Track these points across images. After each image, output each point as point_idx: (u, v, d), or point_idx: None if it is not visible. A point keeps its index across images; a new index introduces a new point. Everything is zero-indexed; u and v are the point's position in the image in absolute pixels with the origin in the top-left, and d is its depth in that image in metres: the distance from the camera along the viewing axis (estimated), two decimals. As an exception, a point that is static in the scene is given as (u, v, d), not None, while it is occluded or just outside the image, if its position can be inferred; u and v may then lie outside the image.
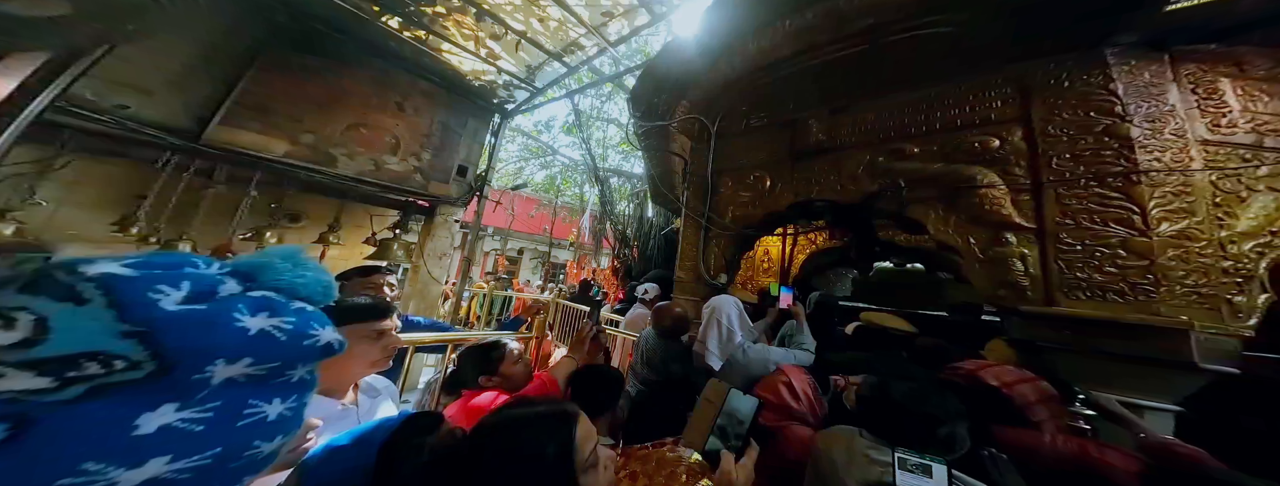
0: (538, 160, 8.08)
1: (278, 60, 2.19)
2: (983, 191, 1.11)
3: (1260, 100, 0.93)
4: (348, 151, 2.45)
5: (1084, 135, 0.98)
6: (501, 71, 2.81)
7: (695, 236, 2.01)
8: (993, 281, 1.05)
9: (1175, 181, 0.88)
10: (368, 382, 0.69)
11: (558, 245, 10.20)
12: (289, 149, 2.22)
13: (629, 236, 5.21)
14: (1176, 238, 0.85)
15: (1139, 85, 0.96)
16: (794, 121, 1.71)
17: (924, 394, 0.69)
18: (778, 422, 0.95)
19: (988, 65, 1.20)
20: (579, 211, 7.21)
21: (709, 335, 1.34)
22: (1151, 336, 0.81)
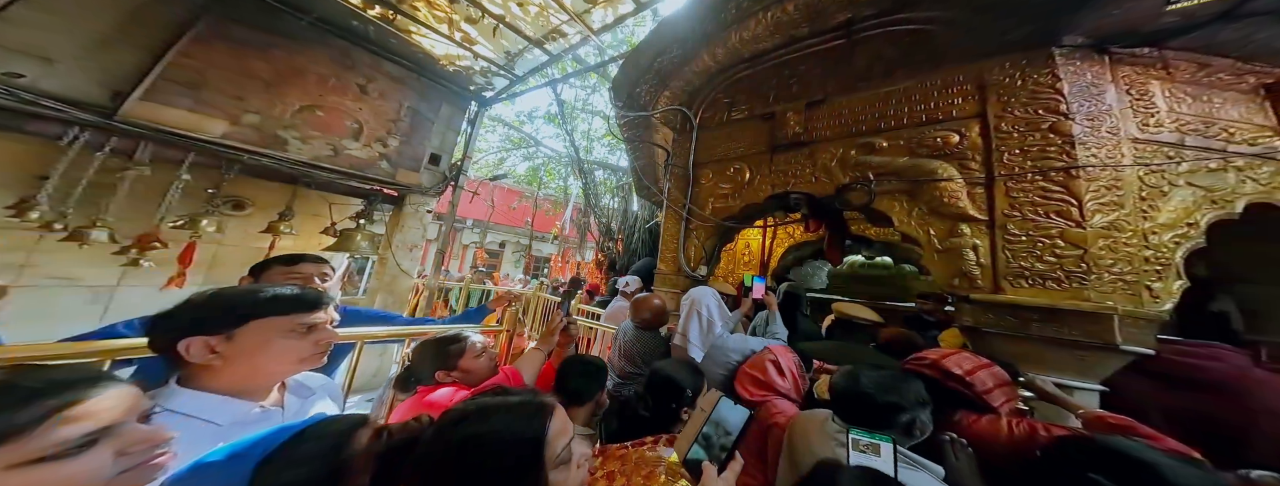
0: (520, 151, 7.95)
1: (215, 31, 2.02)
2: (942, 185, 1.18)
3: (1184, 102, 1.02)
4: (300, 134, 2.32)
5: (1032, 131, 1.05)
6: (478, 57, 2.74)
7: (676, 228, 2.04)
8: (949, 271, 1.12)
9: (1108, 176, 0.95)
10: (298, 382, 0.62)
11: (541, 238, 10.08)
12: (229, 130, 2.05)
13: (613, 230, 5.22)
14: (1107, 229, 0.93)
15: (1082, 85, 1.03)
16: (773, 114, 1.74)
17: (890, 383, 0.74)
18: (764, 397, 1.01)
19: (951, 63, 1.26)
20: (563, 204, 7.15)
21: (690, 326, 1.37)
22: (1081, 321, 0.89)
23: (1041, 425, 0.72)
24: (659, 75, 2.04)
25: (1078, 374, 0.90)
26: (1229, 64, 1.03)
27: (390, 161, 2.74)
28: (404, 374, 0.88)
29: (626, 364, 1.46)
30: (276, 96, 2.24)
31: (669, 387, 0.93)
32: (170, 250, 1.99)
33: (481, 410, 0.44)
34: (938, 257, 1.15)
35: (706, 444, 0.61)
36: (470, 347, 0.87)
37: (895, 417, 0.71)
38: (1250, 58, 1.02)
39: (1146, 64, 1.05)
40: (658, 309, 1.55)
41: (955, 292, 1.10)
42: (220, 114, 2.05)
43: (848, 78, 1.53)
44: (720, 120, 2.01)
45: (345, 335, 0.93)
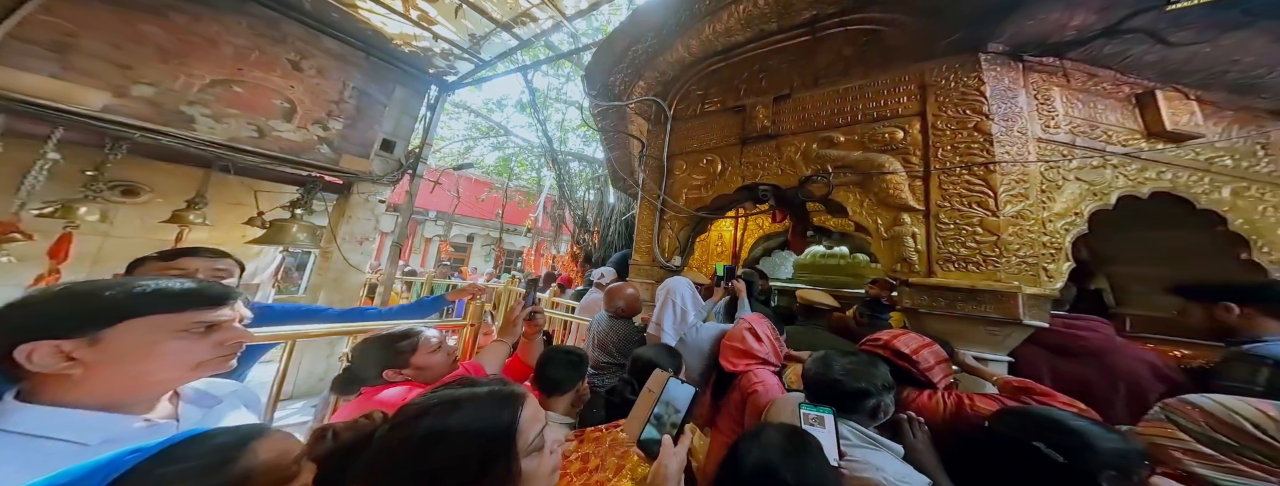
0: (489, 140, 7.61)
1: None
2: (888, 177, 1.30)
3: (1076, 107, 1.20)
4: (213, 112, 2.06)
5: (961, 130, 1.19)
6: (438, 38, 2.58)
7: (651, 219, 2.09)
8: (892, 257, 1.26)
9: (1017, 171, 1.11)
10: (197, 389, 0.55)
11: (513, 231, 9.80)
12: (113, 102, 1.79)
13: (589, 222, 5.20)
14: (1015, 218, 1.09)
15: (1001, 88, 1.18)
16: (743, 107, 1.81)
17: (859, 370, 0.79)
18: (746, 367, 1.08)
19: (899, 64, 1.38)
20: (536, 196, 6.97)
21: (664, 315, 1.42)
22: (994, 299, 1.04)
23: (965, 396, 0.84)
24: (633, 65, 2.05)
25: (991, 347, 1.06)
26: (1111, 75, 1.23)
27: (332, 146, 2.53)
28: (344, 375, 0.83)
29: (601, 354, 1.50)
30: (179, 67, 1.97)
31: (651, 370, 0.99)
32: (39, 243, 1.70)
33: (446, 402, 0.43)
34: (884, 245, 1.29)
35: (658, 423, 0.64)
36: (424, 343, 0.83)
37: (862, 403, 0.76)
38: (1126, 70, 1.22)
39: (1050, 72, 1.22)
40: (631, 298, 1.59)
41: (897, 277, 1.24)
42: (99, 84, 1.76)
43: (811, 74, 1.62)
44: (694, 112, 2.06)
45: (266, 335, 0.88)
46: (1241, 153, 1.24)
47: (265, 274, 3.02)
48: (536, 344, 1.03)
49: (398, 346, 0.80)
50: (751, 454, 0.55)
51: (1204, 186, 1.19)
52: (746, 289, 1.66)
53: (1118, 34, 1.08)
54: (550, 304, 3.30)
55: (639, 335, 1.52)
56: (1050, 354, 1.05)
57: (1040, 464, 0.62)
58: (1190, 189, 1.18)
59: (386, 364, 0.79)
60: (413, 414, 0.42)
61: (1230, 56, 1.13)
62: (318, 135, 2.47)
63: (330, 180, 2.70)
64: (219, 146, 2.10)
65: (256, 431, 0.40)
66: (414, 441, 0.40)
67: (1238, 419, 0.63)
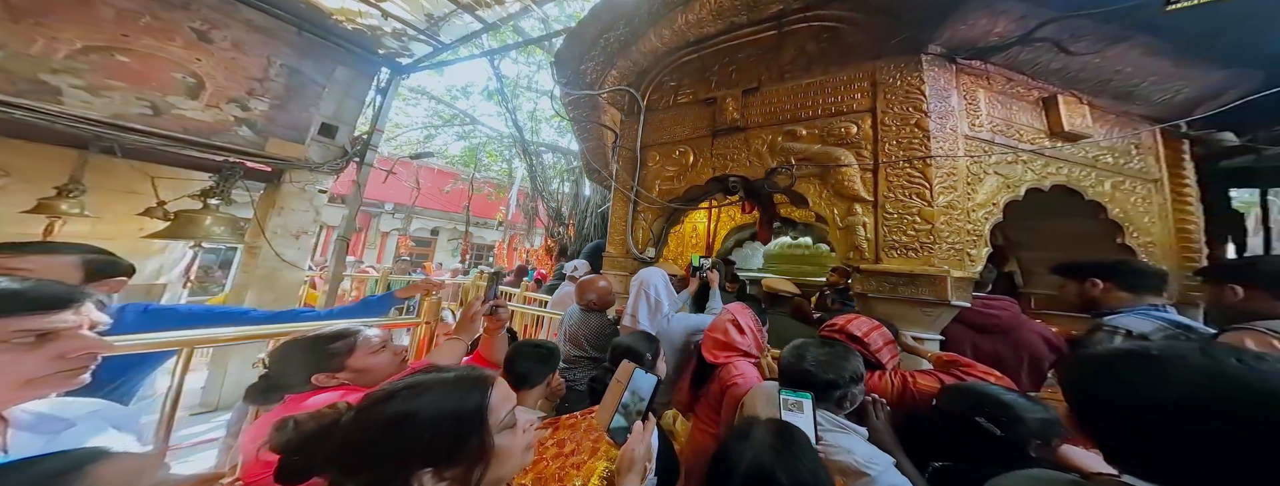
0: (453, 129, 7.15)
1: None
2: (843, 170, 1.41)
3: (996, 107, 1.37)
4: (87, 84, 1.77)
5: (904, 125, 1.31)
6: (388, 17, 2.34)
7: (624, 210, 2.10)
8: (846, 245, 1.38)
9: (949, 165, 1.25)
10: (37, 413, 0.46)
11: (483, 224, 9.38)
12: None
13: (564, 214, 5.11)
14: (946, 208, 1.23)
15: (938, 88, 1.31)
16: (714, 99, 1.86)
17: (830, 362, 0.84)
18: (727, 359, 1.11)
19: (855, 61, 1.48)
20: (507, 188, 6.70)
21: (638, 307, 1.45)
22: (928, 283, 1.18)
23: (908, 374, 0.94)
24: (606, 53, 2.02)
25: (925, 327, 1.21)
26: (1024, 79, 1.41)
27: (255, 128, 2.25)
28: (261, 383, 0.74)
29: (572, 348, 1.51)
30: (37, 28, 1.65)
31: (630, 355, 1.01)
32: None
33: (414, 386, 0.44)
34: (839, 234, 1.41)
35: (625, 412, 0.67)
36: (363, 343, 0.76)
37: (830, 393, 0.81)
38: (1036, 76, 1.40)
39: (977, 74, 1.37)
40: (603, 291, 1.60)
41: (850, 264, 1.36)
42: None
43: (777, 68, 1.69)
44: (667, 103, 2.08)
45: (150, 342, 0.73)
46: (1119, 151, 1.48)
47: (174, 272, 2.67)
48: (500, 339, 1.00)
49: (329, 348, 0.73)
50: (744, 457, 0.55)
51: (1091, 180, 1.41)
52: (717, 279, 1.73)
53: (1031, 42, 1.24)
54: (522, 299, 3.22)
55: (612, 328, 1.55)
56: (972, 331, 1.22)
57: (981, 436, 0.71)
58: (1080, 182, 1.39)
59: (316, 367, 0.72)
60: (379, 398, 0.43)
61: (1113, 67, 1.35)
62: (234, 115, 2.18)
63: (255, 166, 2.41)
64: (96, 124, 1.79)
65: (93, 455, 0.36)
66: (381, 424, 0.40)
67: None
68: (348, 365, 0.74)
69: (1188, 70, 1.35)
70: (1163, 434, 0.35)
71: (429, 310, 1.23)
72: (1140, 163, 1.51)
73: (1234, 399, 0.33)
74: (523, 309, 2.77)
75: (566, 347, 1.52)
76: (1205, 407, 0.34)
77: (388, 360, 0.79)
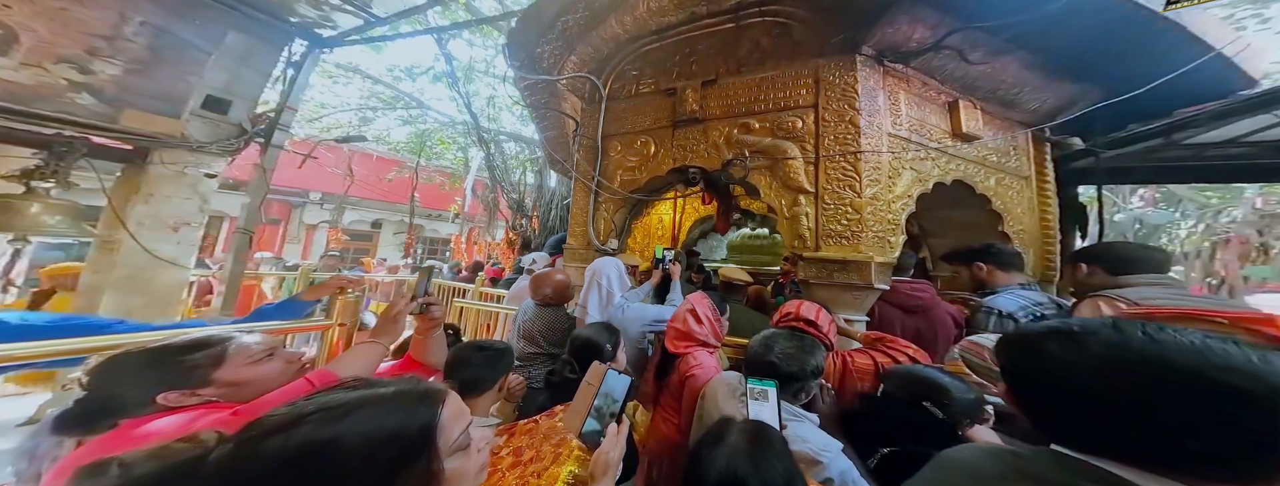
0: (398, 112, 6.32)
1: None
2: (789, 162, 1.51)
3: (913, 108, 1.56)
4: None
5: (840, 122, 1.44)
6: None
7: (585, 201, 2.06)
8: (792, 234, 1.49)
9: (875, 159, 1.41)
10: None
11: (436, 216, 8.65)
12: None
13: (526, 205, 4.88)
14: (872, 199, 1.39)
15: (868, 87, 1.45)
16: (675, 90, 1.86)
17: (795, 355, 0.87)
18: (687, 349, 1.14)
19: (802, 58, 1.57)
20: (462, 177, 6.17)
21: (589, 298, 1.45)
22: (858, 268, 1.33)
23: (845, 354, 1.04)
24: (564, 37, 1.92)
25: (855, 309, 1.37)
26: (935, 84, 1.62)
27: (101, 96, 1.84)
28: (76, 409, 0.57)
29: (527, 344, 1.46)
30: None
31: (590, 348, 1.01)
32: None
33: (331, 407, 0.36)
34: (785, 223, 1.52)
35: (598, 415, 0.66)
36: (238, 351, 0.65)
37: (791, 385, 0.85)
38: (944, 81, 1.62)
39: (900, 77, 1.54)
40: (560, 284, 1.56)
41: (796, 252, 1.48)
42: None
43: (734, 61, 1.73)
44: (629, 92, 2.04)
45: None
46: (1001, 151, 1.79)
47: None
48: (436, 340, 0.88)
49: (184, 360, 0.61)
50: (717, 462, 0.54)
51: (981, 176, 1.69)
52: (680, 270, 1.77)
53: (941, 49, 1.41)
54: (478, 295, 3.03)
55: (570, 322, 1.52)
56: (902, 312, 1.41)
57: (926, 419, 0.76)
58: (973, 178, 1.66)
59: (164, 384, 0.58)
60: (277, 425, 0.34)
61: (999, 76, 1.60)
62: (68, 79, 1.74)
63: (105, 143, 1.93)
64: None
65: None
66: (284, 459, 0.32)
67: None
68: (215, 379, 0.62)
69: (1052, 83, 1.65)
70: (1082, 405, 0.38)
71: (344, 311, 1.04)
72: (1016, 162, 1.84)
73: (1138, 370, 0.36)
74: (478, 306, 2.62)
75: (520, 345, 1.47)
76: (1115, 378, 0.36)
77: (277, 370, 0.68)
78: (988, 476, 0.43)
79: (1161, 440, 0.35)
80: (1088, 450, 0.38)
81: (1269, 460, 0.32)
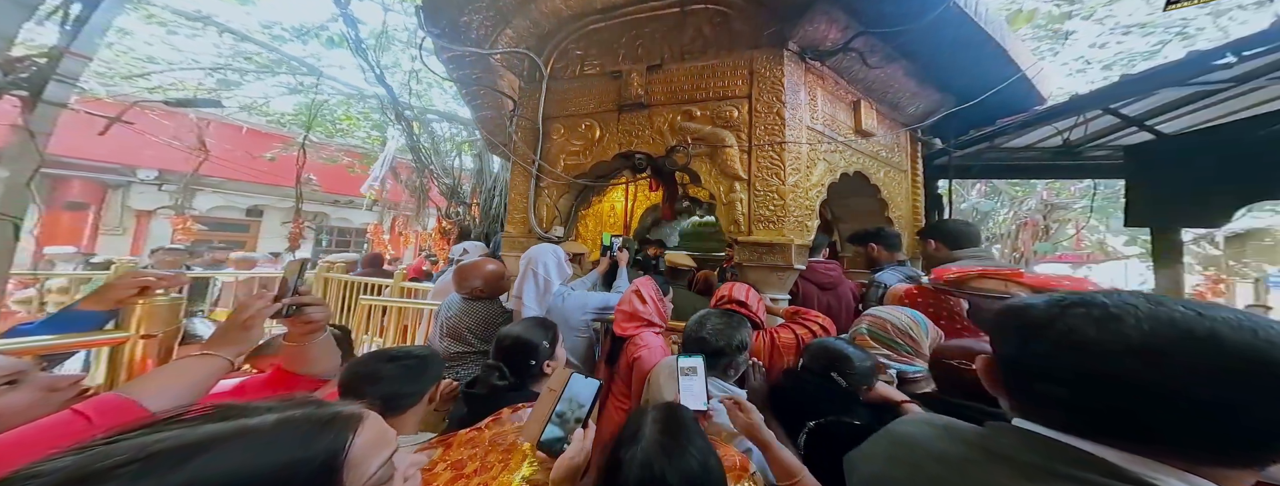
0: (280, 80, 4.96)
1: None
2: (727, 151, 1.61)
3: (827, 105, 1.79)
4: None
5: (769, 113, 1.57)
6: None
7: (525, 186, 1.94)
8: (729, 220, 1.61)
9: (796, 149, 1.58)
10: None
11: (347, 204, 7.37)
12: None
13: (463, 192, 4.39)
14: (794, 187, 1.57)
15: (793, 82, 1.60)
16: (621, 73, 1.81)
17: (721, 331, 0.92)
18: (635, 330, 1.17)
19: (740, 49, 1.65)
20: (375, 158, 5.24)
21: (524, 287, 1.36)
22: (781, 251, 1.50)
23: (771, 331, 1.14)
24: (497, 7, 1.75)
25: (779, 289, 1.55)
26: (845, 84, 1.86)
27: None
28: None
29: (452, 343, 1.35)
30: None
31: (521, 348, 0.90)
32: None
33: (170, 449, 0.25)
34: (723, 209, 1.63)
35: (561, 420, 0.62)
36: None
37: (718, 360, 0.90)
38: (851, 82, 1.87)
39: (818, 74, 1.73)
40: (492, 275, 1.44)
41: (731, 237, 1.61)
42: None
43: (678, 47, 1.74)
44: (573, 73, 1.93)
45: None
46: (888, 148, 2.16)
47: None
48: (319, 346, 0.70)
49: None
50: (635, 459, 0.53)
51: (874, 168, 2.02)
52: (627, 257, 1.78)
53: (848, 51, 1.62)
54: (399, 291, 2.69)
55: (506, 316, 1.43)
56: (818, 289, 1.65)
57: (835, 389, 0.83)
58: (868, 169, 1.98)
59: None
60: (75, 475, 0.23)
61: (888, 82, 1.91)
62: None
63: None
64: None
65: None
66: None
67: (901, 323, 1.01)
68: None
69: (924, 90, 2.03)
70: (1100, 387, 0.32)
71: (149, 319, 0.72)
72: (898, 157, 2.25)
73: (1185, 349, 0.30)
74: (401, 303, 2.31)
75: (444, 344, 1.34)
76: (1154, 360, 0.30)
77: (25, 402, 0.51)
78: (951, 457, 0.39)
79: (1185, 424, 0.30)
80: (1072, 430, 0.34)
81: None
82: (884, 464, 0.46)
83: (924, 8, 1.38)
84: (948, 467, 0.39)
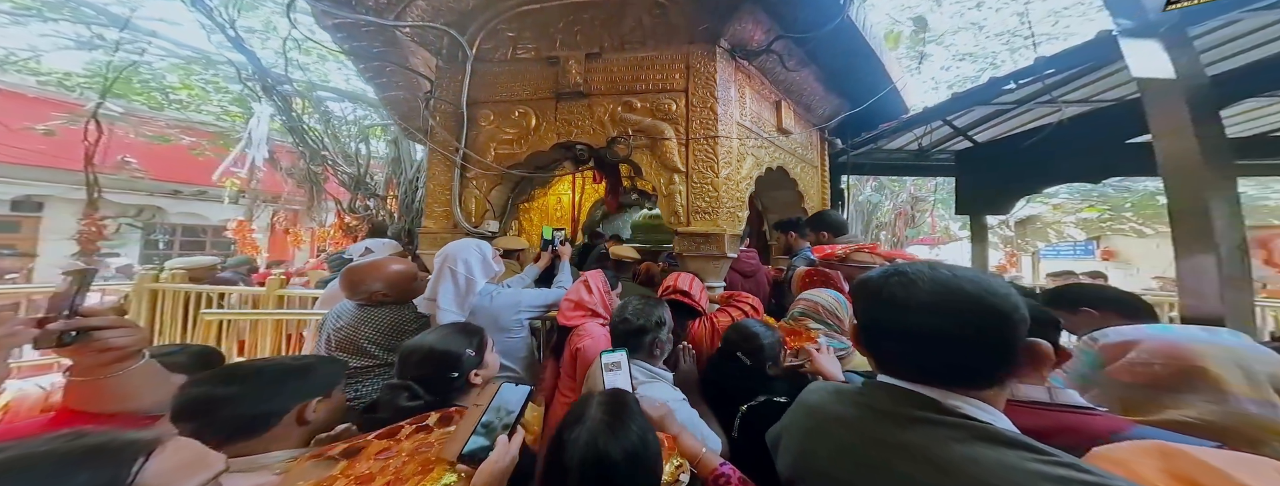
0: (51, 26, 3.43)
1: None
2: (665, 143, 1.64)
3: (753, 103, 1.95)
4: None
5: (704, 107, 1.64)
6: None
7: (447, 177, 1.74)
8: (669, 211, 1.65)
9: (728, 144, 1.69)
10: None
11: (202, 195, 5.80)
12: None
13: (370, 184, 3.74)
14: (727, 179, 1.68)
15: (724, 79, 1.69)
16: (558, 59, 1.71)
17: (641, 312, 0.94)
18: (579, 320, 1.13)
19: (677, 43, 1.67)
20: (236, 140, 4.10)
21: (440, 289, 1.17)
22: (717, 241, 1.59)
23: (710, 317, 1.21)
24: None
25: (715, 277, 1.65)
26: (769, 84, 2.06)
27: None
28: None
29: (346, 358, 1.12)
30: None
31: (437, 361, 0.78)
32: None
33: None
34: (664, 201, 1.67)
35: (488, 431, 0.59)
36: None
37: (642, 339, 0.91)
38: (774, 83, 2.08)
39: (746, 73, 1.87)
40: (396, 276, 1.23)
41: (671, 228, 1.66)
42: None
43: (619, 37, 1.69)
44: (504, 56, 1.77)
45: None
46: (804, 145, 2.47)
47: None
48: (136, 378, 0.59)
49: None
50: (579, 439, 0.54)
51: (793, 164, 2.30)
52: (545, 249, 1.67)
53: (770, 52, 1.77)
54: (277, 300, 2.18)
55: (421, 322, 1.21)
56: (740, 276, 1.80)
57: (742, 368, 0.89)
58: (789, 165, 2.24)
59: None
60: None
61: (803, 85, 2.17)
62: None
63: None
64: None
65: None
66: None
67: (828, 304, 1.13)
68: None
69: (829, 95, 2.35)
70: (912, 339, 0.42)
71: None
72: (811, 155, 2.59)
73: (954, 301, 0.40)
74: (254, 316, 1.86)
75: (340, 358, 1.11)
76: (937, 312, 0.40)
77: None
78: (848, 419, 0.46)
79: (959, 358, 0.40)
80: (910, 378, 0.43)
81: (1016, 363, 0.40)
82: (802, 438, 0.52)
83: (827, 17, 1.57)
84: (848, 428, 0.46)
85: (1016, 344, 0.41)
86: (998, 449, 0.36)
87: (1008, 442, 0.37)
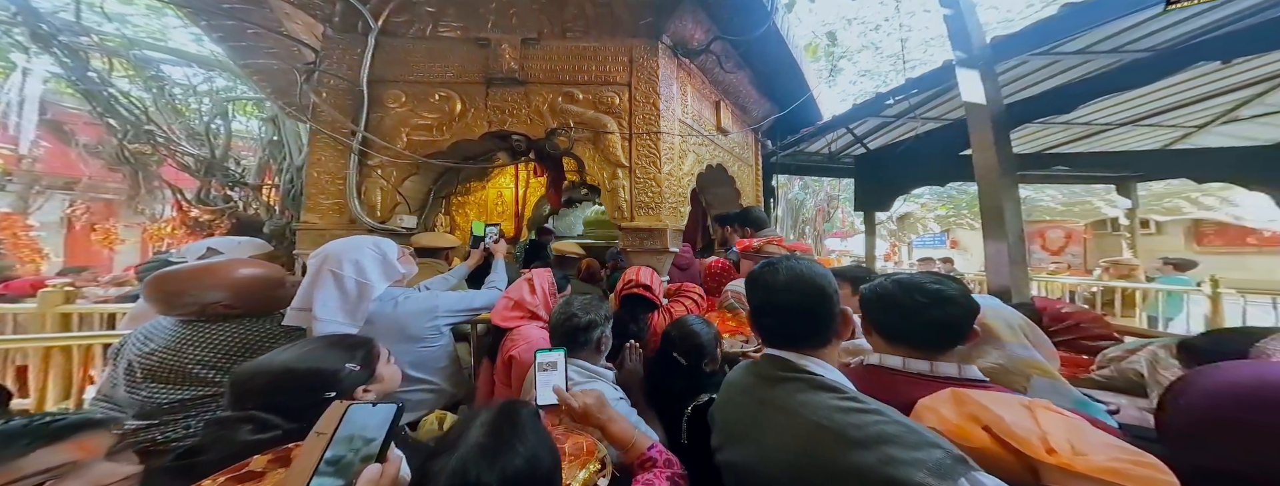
0: None
1: None
2: (609, 137, 1.61)
3: (695, 101, 2.03)
4: None
5: (646, 103, 1.65)
6: None
7: (340, 164, 1.49)
8: (613, 206, 1.64)
9: (670, 140, 1.73)
10: None
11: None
12: None
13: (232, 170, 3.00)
14: (669, 174, 1.72)
15: (667, 75, 1.72)
16: (489, 41, 1.55)
17: (587, 306, 0.89)
18: (517, 321, 1.07)
19: (620, 36, 1.62)
20: None
21: (318, 297, 0.92)
22: (660, 235, 1.63)
23: (663, 309, 1.22)
24: None
25: (660, 272, 1.67)
26: (709, 85, 2.16)
27: None
28: None
29: (167, 388, 0.81)
30: None
31: (302, 381, 0.62)
32: None
33: None
34: (608, 196, 1.65)
35: (338, 467, 0.44)
36: None
37: (588, 335, 0.86)
38: (714, 83, 2.18)
39: (688, 71, 1.93)
40: (245, 282, 0.92)
41: (616, 223, 1.65)
42: None
43: (560, 24, 1.59)
44: (421, 32, 1.56)
45: None
46: (741, 145, 2.67)
47: None
48: None
49: None
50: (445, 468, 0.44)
51: (731, 162, 2.46)
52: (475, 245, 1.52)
53: (709, 53, 1.85)
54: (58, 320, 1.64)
55: (289, 335, 0.93)
56: (678, 270, 1.88)
57: (679, 368, 0.89)
58: (727, 162, 2.40)
59: None
60: None
61: (739, 87, 2.33)
62: None
63: None
64: None
65: None
66: None
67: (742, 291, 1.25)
68: None
69: (761, 98, 2.56)
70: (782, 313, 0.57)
71: None
72: (747, 154, 2.82)
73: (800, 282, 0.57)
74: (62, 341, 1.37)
75: (149, 392, 0.81)
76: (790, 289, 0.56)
77: None
78: (748, 386, 0.60)
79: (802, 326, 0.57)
80: (780, 346, 0.57)
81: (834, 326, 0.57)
82: (722, 410, 0.65)
83: (756, 22, 1.67)
84: (744, 392, 0.61)
85: (836, 311, 0.58)
86: (820, 394, 0.50)
87: (827, 388, 0.51)
